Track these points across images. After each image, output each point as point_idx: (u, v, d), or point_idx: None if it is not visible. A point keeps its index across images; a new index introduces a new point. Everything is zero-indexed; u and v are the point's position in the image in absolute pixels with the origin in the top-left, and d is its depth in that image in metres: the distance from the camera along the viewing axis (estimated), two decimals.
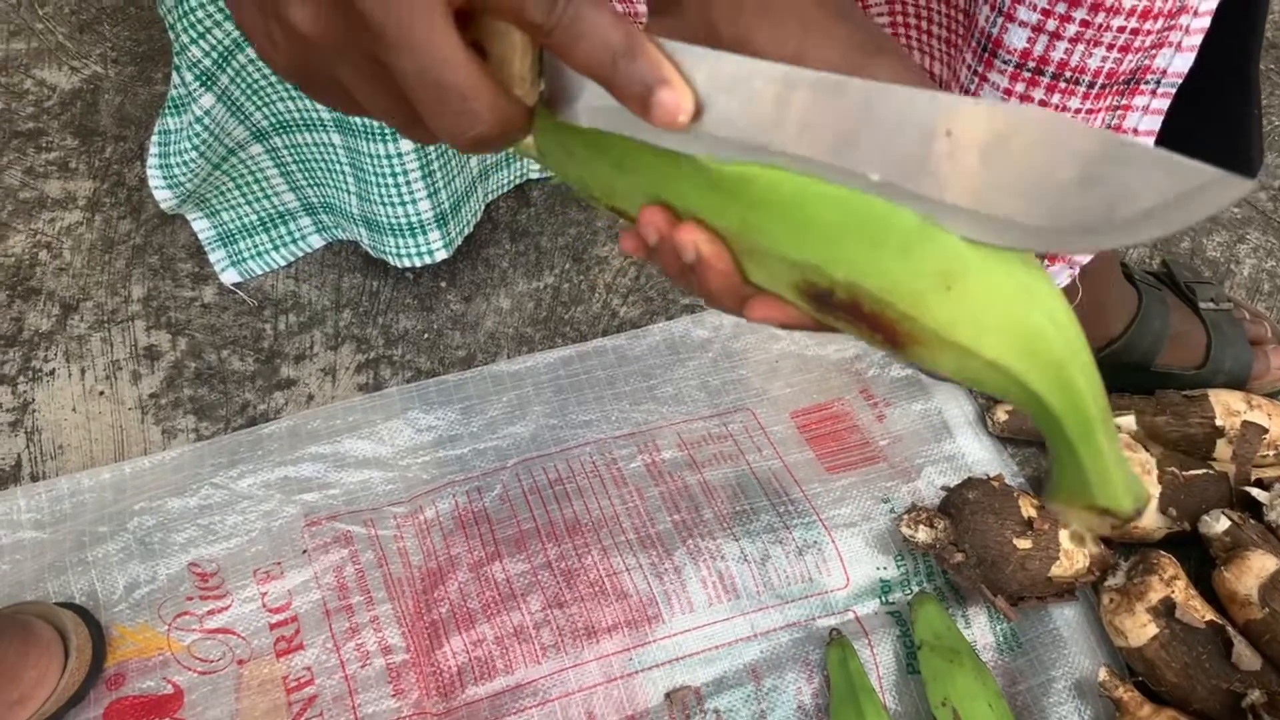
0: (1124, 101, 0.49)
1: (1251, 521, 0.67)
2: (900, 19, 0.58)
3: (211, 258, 0.83)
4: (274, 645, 0.65)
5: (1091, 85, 0.47)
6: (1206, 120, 0.54)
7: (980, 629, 0.67)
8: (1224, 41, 0.48)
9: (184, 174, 0.75)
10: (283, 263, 0.86)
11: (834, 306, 0.31)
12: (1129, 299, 0.75)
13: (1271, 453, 0.73)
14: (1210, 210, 0.26)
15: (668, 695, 0.64)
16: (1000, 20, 0.47)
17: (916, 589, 0.69)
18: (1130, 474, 0.31)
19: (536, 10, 0.27)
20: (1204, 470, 0.70)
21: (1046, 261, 0.56)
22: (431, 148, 0.74)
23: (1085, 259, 0.55)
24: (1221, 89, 0.54)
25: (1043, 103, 0.48)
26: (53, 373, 0.79)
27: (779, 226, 0.30)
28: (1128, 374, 0.76)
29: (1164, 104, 0.49)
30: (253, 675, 0.64)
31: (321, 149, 0.78)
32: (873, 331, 0.31)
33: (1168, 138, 0.51)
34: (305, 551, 0.69)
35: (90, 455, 0.75)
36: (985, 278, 0.29)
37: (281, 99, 0.75)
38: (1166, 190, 0.26)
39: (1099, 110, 0.49)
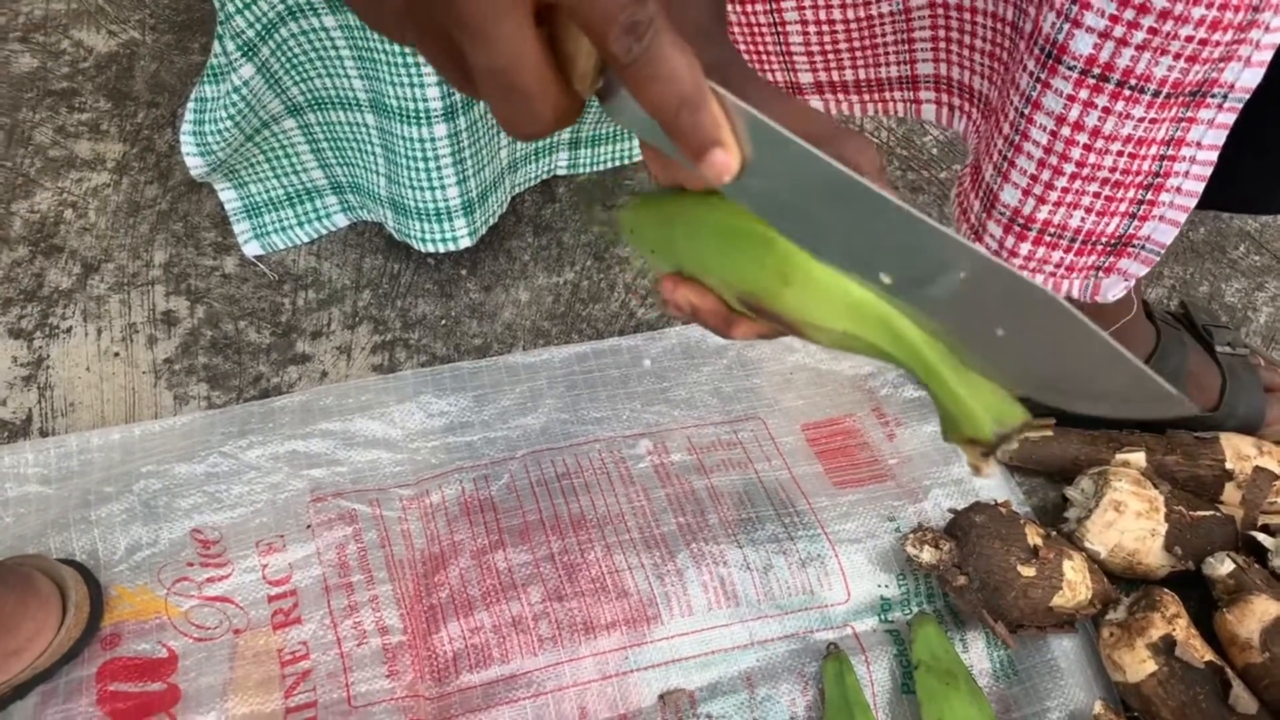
0: (1189, 114, 0.49)
1: (1256, 566, 0.67)
2: (943, 33, 0.59)
3: (236, 229, 0.84)
4: (271, 617, 0.65)
5: (1157, 94, 0.47)
6: (1245, 151, 0.54)
7: (978, 654, 0.67)
8: (1271, 70, 0.48)
9: (217, 142, 0.76)
10: (306, 239, 0.86)
11: (759, 312, 0.38)
12: (1147, 335, 0.75)
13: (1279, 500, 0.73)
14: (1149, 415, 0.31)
15: (661, 697, 0.63)
16: (1066, 26, 0.46)
17: (916, 609, 0.69)
18: (995, 403, 0.37)
19: (618, 43, 0.28)
20: (1211, 512, 0.70)
21: (1103, 273, 0.55)
22: (465, 138, 0.74)
23: (1141, 272, 0.55)
24: (1263, 118, 0.54)
25: (1106, 109, 0.48)
26: (70, 330, 0.80)
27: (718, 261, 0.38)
28: None
29: (1230, 118, 0.49)
30: (248, 645, 0.64)
31: (354, 128, 0.78)
32: (778, 325, 0.38)
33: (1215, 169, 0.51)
34: (309, 526, 0.69)
35: (101, 415, 0.76)
36: (810, 272, 0.36)
37: (320, 75, 0.75)
38: (1124, 390, 0.32)
39: (1163, 120, 0.49)
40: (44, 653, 0.60)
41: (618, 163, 0.93)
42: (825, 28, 0.62)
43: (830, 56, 0.64)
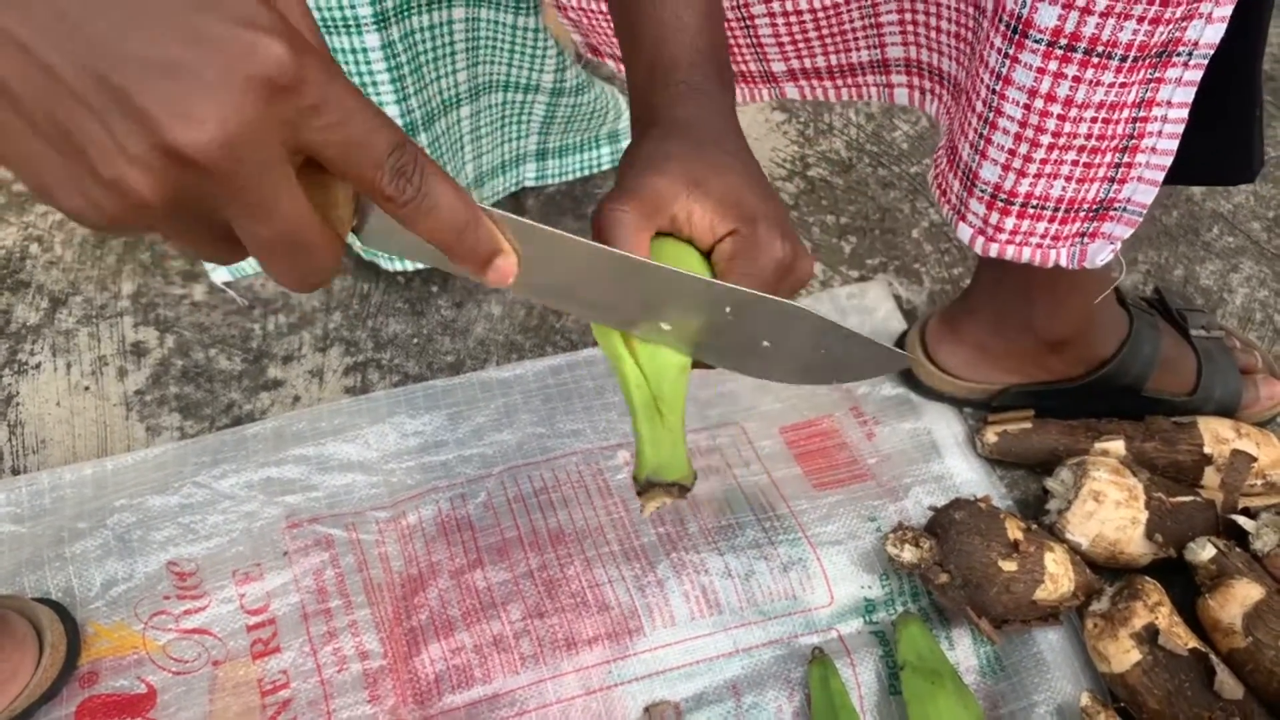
0: (1157, 74, 0.49)
1: (1238, 550, 0.67)
2: (909, 17, 0.59)
3: None
4: (250, 647, 0.65)
5: (1124, 59, 0.48)
6: (1209, 122, 0.54)
7: (964, 651, 0.67)
8: (1228, 41, 0.48)
9: None
10: None
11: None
12: (1120, 322, 0.75)
13: (1259, 482, 0.73)
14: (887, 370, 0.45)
15: (646, 709, 0.63)
16: (1030, 0, 0.47)
17: (901, 609, 0.68)
18: (666, 458, 0.45)
19: (392, 186, 0.30)
20: (1191, 497, 0.70)
21: (1088, 239, 0.56)
22: (428, 150, 0.74)
23: (1126, 234, 0.55)
24: (1225, 88, 0.54)
25: (1076, 79, 0.48)
26: (38, 366, 0.79)
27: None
28: (1118, 398, 0.76)
29: (1197, 75, 0.49)
30: (227, 677, 0.63)
31: None
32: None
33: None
34: (286, 554, 0.69)
35: (73, 450, 0.75)
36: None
37: None
38: (865, 361, 0.44)
39: (1132, 84, 0.49)
40: (20, 694, 0.59)
41: (585, 172, 0.93)
42: (794, 19, 0.62)
43: (801, 45, 0.64)
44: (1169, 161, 0.52)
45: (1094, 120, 0.50)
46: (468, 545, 0.69)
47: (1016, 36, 0.48)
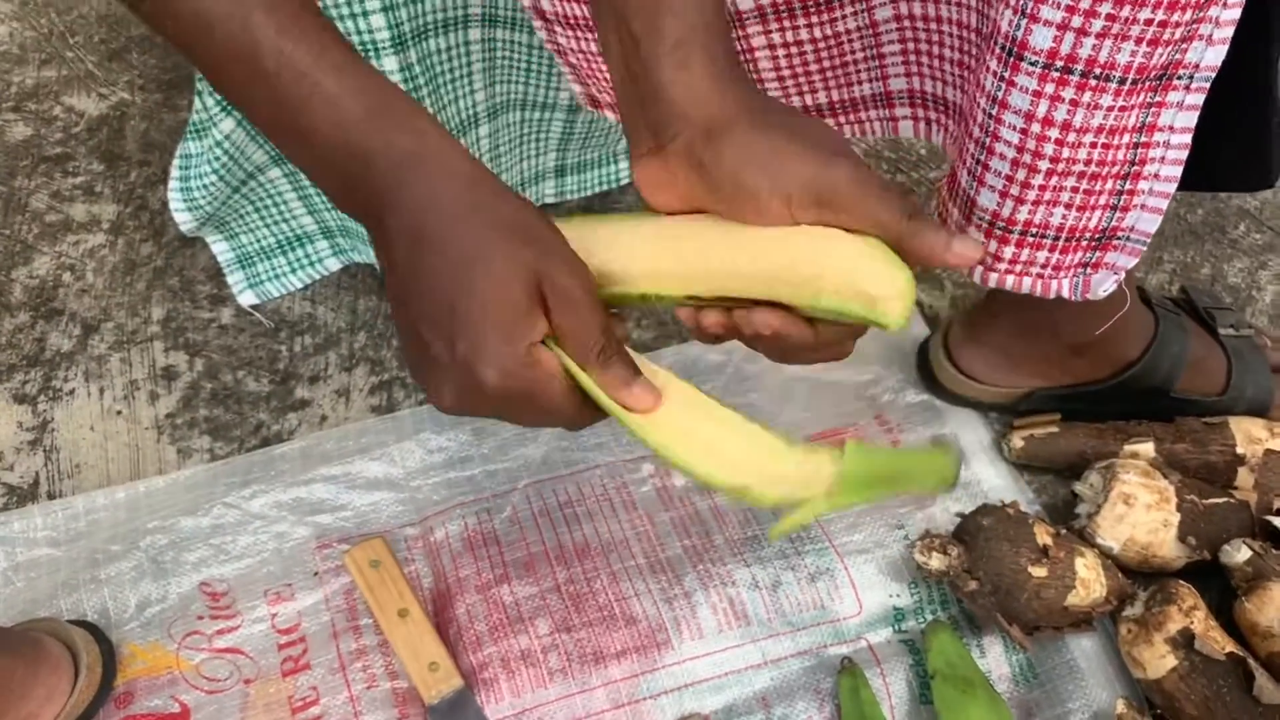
0: (1158, 98, 0.48)
1: (1273, 551, 0.66)
2: (911, 45, 0.58)
3: (230, 280, 0.84)
4: (280, 665, 0.65)
5: (1123, 81, 0.47)
6: (1226, 130, 0.53)
7: (995, 659, 0.66)
8: (1242, 51, 0.47)
9: (203, 197, 0.77)
10: (300, 285, 0.86)
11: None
12: (1146, 323, 0.74)
13: None
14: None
15: None
16: (1024, 22, 0.46)
17: (930, 617, 0.68)
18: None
19: (599, 367, 0.48)
20: (1224, 499, 0.69)
21: (1091, 269, 0.56)
22: None
23: (1130, 264, 0.54)
24: (1241, 97, 0.53)
25: (1074, 102, 0.48)
26: (72, 392, 0.81)
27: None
28: (1146, 399, 0.75)
29: (1198, 99, 0.48)
30: (259, 695, 0.64)
31: None
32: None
33: (1192, 147, 0.50)
34: (316, 574, 0.69)
35: (106, 474, 0.76)
36: (759, 498, 0.52)
37: None
38: None
39: (1132, 107, 0.48)
40: (59, 716, 0.60)
41: (603, 187, 0.93)
42: (794, 49, 0.62)
43: (802, 79, 0.64)
44: (1173, 189, 0.51)
45: (1093, 145, 0.49)
46: (494, 560, 0.69)
47: (1011, 59, 0.48)
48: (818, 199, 0.46)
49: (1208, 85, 0.48)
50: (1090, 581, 0.64)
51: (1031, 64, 0.47)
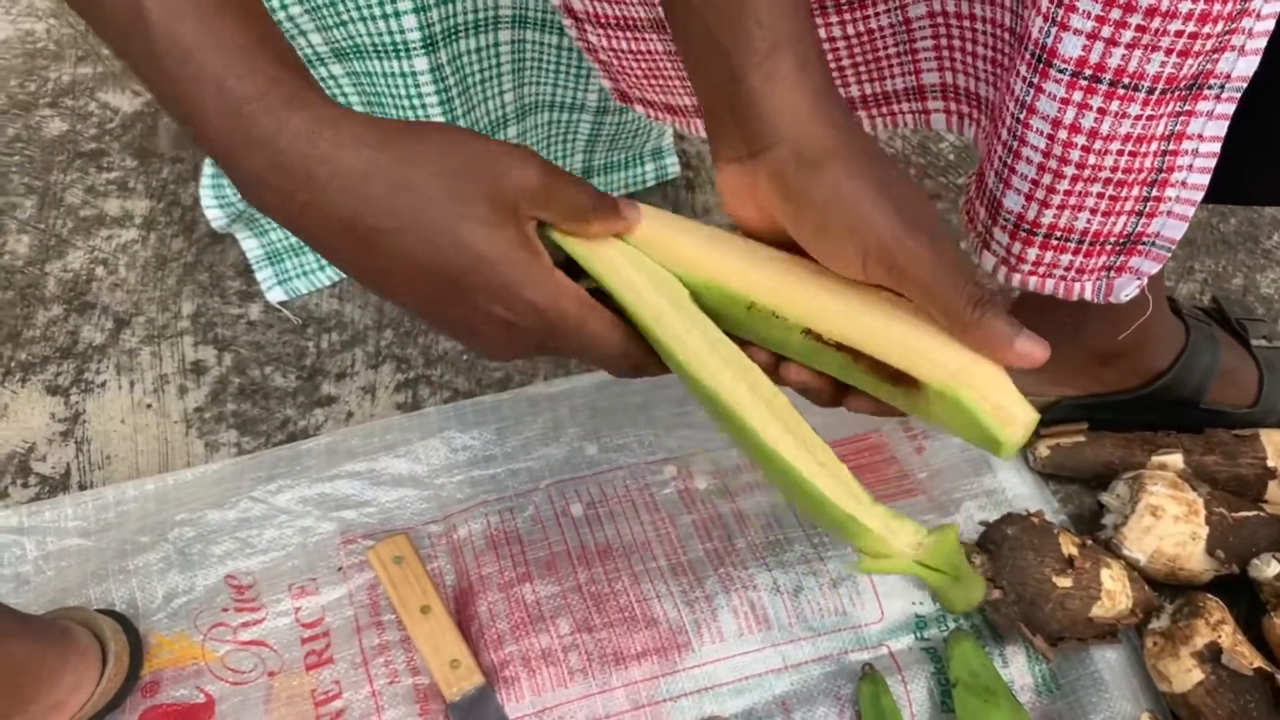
0: (1187, 107, 0.48)
1: None
2: (945, 41, 0.58)
3: (259, 276, 0.85)
4: (304, 659, 0.66)
5: (1151, 91, 0.46)
6: (1260, 142, 0.52)
7: (1018, 669, 0.66)
8: (1276, 61, 0.47)
9: (234, 194, 0.77)
10: (328, 282, 0.87)
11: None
12: (1176, 333, 0.73)
13: None
14: None
15: None
16: (1054, 30, 0.46)
17: (953, 626, 0.68)
18: (970, 585, 0.55)
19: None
20: (1254, 512, 0.68)
21: (1114, 273, 0.55)
22: None
23: (1154, 269, 0.54)
24: (1274, 110, 0.53)
25: (1101, 110, 0.47)
26: (104, 385, 0.82)
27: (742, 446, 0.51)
28: (1175, 410, 0.74)
29: (1229, 108, 0.48)
30: (282, 687, 0.65)
31: None
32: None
33: (1224, 161, 0.50)
34: (340, 569, 0.70)
35: (136, 466, 0.77)
36: (860, 541, 0.51)
37: None
38: None
39: (1161, 116, 0.48)
40: (86, 704, 0.61)
41: (630, 189, 0.94)
42: (827, 46, 0.62)
43: (834, 75, 0.64)
44: (1200, 196, 0.51)
45: (1120, 153, 0.49)
46: (516, 558, 0.69)
47: (1041, 65, 0.47)
48: (892, 265, 0.44)
49: (1239, 95, 0.48)
50: (1116, 593, 0.64)
51: (1060, 71, 0.47)
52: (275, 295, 0.86)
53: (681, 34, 0.49)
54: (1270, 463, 0.71)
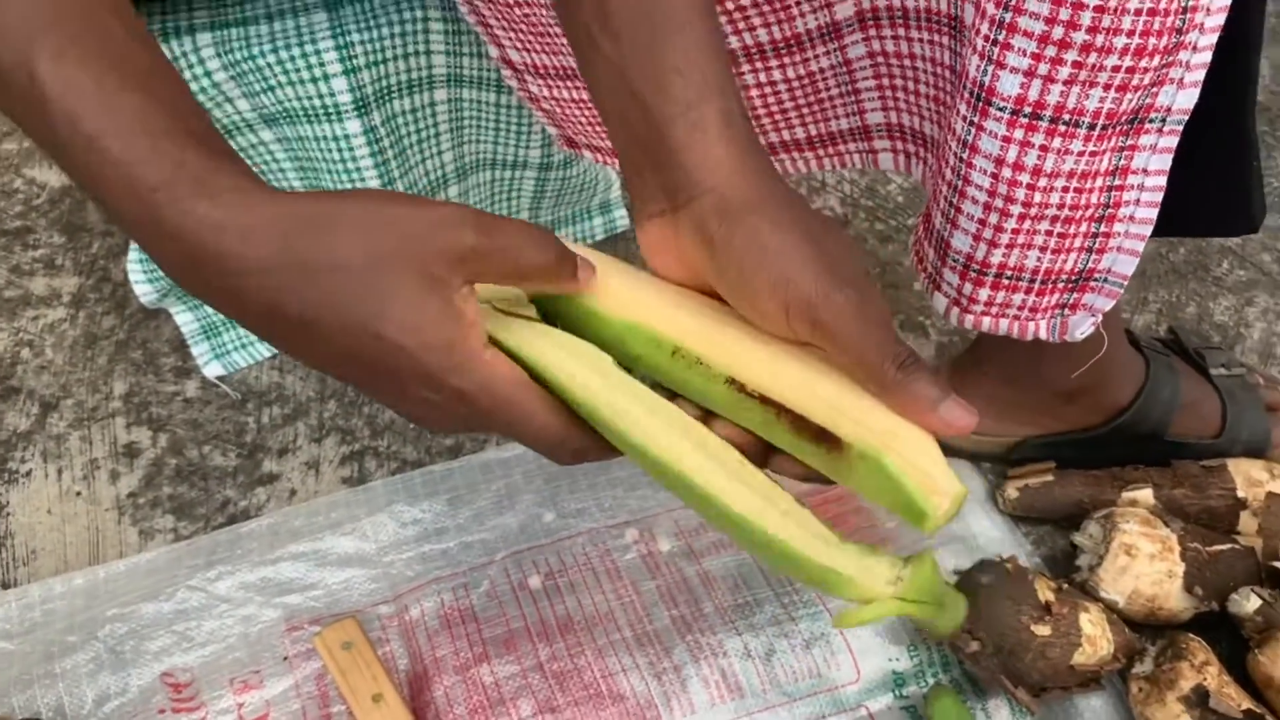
0: (1130, 141, 0.47)
1: None
2: (886, 81, 0.58)
3: (194, 351, 0.82)
4: None
5: (1093, 127, 0.46)
6: (1206, 174, 0.52)
7: None
8: (1218, 94, 0.47)
9: None
10: (267, 354, 0.84)
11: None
12: (1136, 366, 0.72)
13: None
14: None
15: None
16: (991, 68, 0.45)
17: (932, 681, 0.65)
18: (953, 609, 0.50)
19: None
20: (1229, 545, 0.67)
21: (1068, 310, 0.53)
22: None
23: (1107, 306, 0.53)
24: (1219, 142, 0.52)
25: (1044, 147, 0.46)
26: (29, 474, 0.77)
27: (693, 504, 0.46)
28: (1140, 445, 0.73)
29: (1172, 141, 0.47)
30: None
31: None
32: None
33: (1169, 194, 0.49)
34: (286, 658, 0.66)
35: (64, 559, 0.73)
36: (841, 591, 0.45)
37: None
38: None
39: (1104, 152, 0.47)
40: None
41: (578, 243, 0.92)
42: (768, 89, 0.61)
43: (778, 117, 0.63)
44: (1149, 230, 0.50)
45: (1065, 190, 0.48)
46: (472, 638, 0.66)
47: (980, 104, 0.47)
48: (814, 321, 0.41)
49: (1181, 127, 0.47)
50: (1096, 638, 0.62)
51: (1000, 109, 0.46)
52: (212, 370, 0.82)
53: (597, 88, 0.47)
54: (1240, 493, 0.69)
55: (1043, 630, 0.61)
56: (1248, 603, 0.63)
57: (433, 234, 0.39)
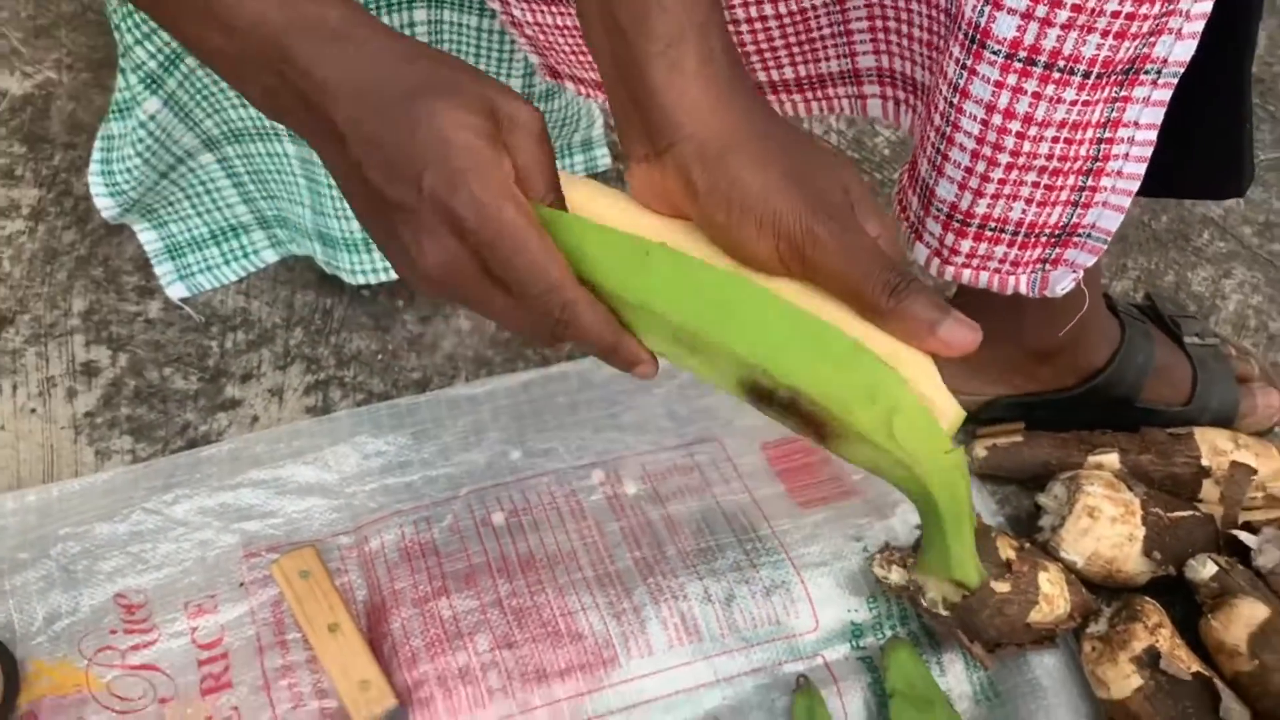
0: (1123, 93, 0.46)
1: (1240, 567, 0.64)
2: (880, 23, 0.56)
3: (158, 271, 0.79)
4: (200, 683, 0.61)
5: (1087, 75, 0.45)
6: (1199, 134, 0.51)
7: (956, 677, 0.64)
8: (1214, 53, 0.46)
9: (127, 181, 0.72)
10: (234, 278, 0.82)
11: (773, 403, 0.42)
12: (1112, 330, 0.72)
13: (1260, 495, 0.70)
14: None
15: None
16: (987, 9, 0.44)
17: (889, 634, 0.65)
18: (976, 554, 0.47)
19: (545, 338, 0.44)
20: (1190, 512, 0.67)
21: (1050, 265, 0.53)
22: None
23: (1089, 262, 0.52)
24: (1214, 101, 0.51)
25: (1036, 94, 0.45)
26: None
27: (737, 329, 0.41)
28: (1111, 409, 0.73)
29: (1165, 94, 0.46)
30: (175, 715, 0.60)
31: (275, 159, 0.74)
32: (803, 425, 0.43)
33: (1159, 155, 0.49)
34: (242, 584, 0.65)
35: (17, 476, 0.71)
36: (902, 394, 0.40)
37: (234, 105, 0.72)
38: None
39: (1097, 102, 0.46)
40: None
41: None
42: (759, 25, 0.59)
43: (768, 55, 0.61)
44: (1136, 187, 0.49)
45: (1055, 140, 0.47)
46: (432, 572, 0.65)
47: (974, 47, 0.46)
48: (803, 257, 0.41)
49: (1175, 81, 0.46)
50: (1054, 597, 0.62)
51: (994, 53, 0.45)
52: (176, 291, 0.80)
53: (584, 20, 0.46)
54: (1205, 461, 0.70)
55: (1002, 587, 0.61)
56: (1204, 569, 0.63)
57: (504, 92, 0.42)
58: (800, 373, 0.41)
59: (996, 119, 0.47)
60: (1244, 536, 0.66)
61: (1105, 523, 0.65)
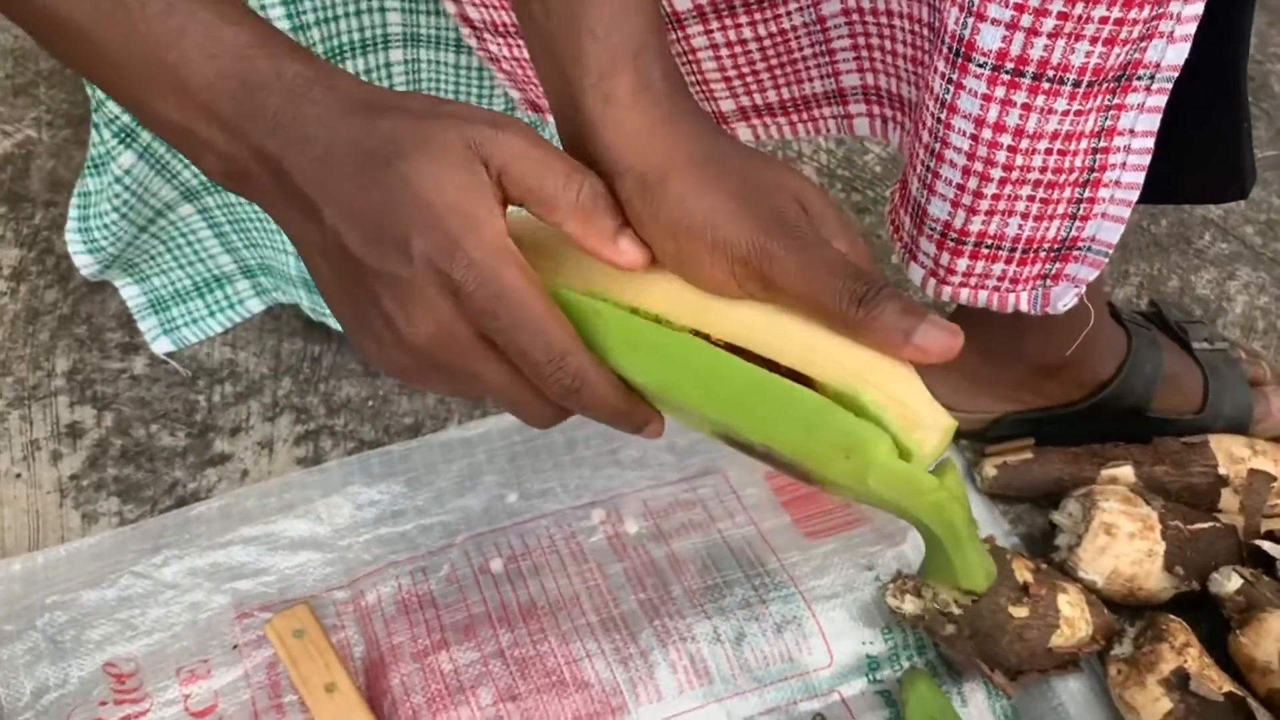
0: (1117, 100, 0.45)
1: (1265, 579, 0.62)
2: (862, 40, 0.55)
3: (142, 326, 0.78)
4: None
5: (1078, 84, 0.43)
6: (1197, 136, 0.50)
7: (978, 707, 0.62)
8: (1209, 53, 0.44)
9: (105, 238, 0.71)
10: (219, 329, 0.80)
11: (752, 452, 0.41)
12: (1118, 340, 0.70)
13: None
14: None
15: None
16: (971, 21, 0.43)
17: (907, 665, 0.63)
18: (984, 557, 0.45)
19: (554, 392, 0.40)
20: (1210, 523, 0.65)
21: (1050, 281, 0.51)
22: None
23: (1091, 276, 0.51)
24: (1210, 102, 0.50)
25: (1026, 106, 0.44)
26: None
27: (701, 394, 0.40)
28: (1122, 421, 0.71)
29: (1161, 100, 0.45)
30: None
31: (256, 208, 0.73)
32: (785, 469, 0.42)
33: (1159, 161, 0.47)
34: (235, 647, 0.63)
35: (2, 545, 0.69)
36: (876, 449, 0.38)
37: None
38: None
39: (1089, 111, 0.45)
40: None
41: None
42: (738, 49, 0.58)
43: (749, 79, 0.60)
44: (1135, 196, 0.48)
45: (1049, 152, 0.46)
46: (431, 624, 0.63)
47: (959, 60, 0.44)
48: (761, 278, 0.39)
49: (1170, 86, 0.45)
50: (1075, 619, 0.60)
51: (980, 66, 0.44)
52: (161, 346, 0.79)
53: (531, 54, 0.44)
54: (1222, 470, 0.68)
55: (1020, 612, 0.59)
56: (1229, 582, 0.61)
57: (483, 116, 0.38)
58: (770, 434, 0.39)
59: (986, 133, 0.45)
60: (1268, 546, 0.64)
61: (1123, 539, 0.63)
